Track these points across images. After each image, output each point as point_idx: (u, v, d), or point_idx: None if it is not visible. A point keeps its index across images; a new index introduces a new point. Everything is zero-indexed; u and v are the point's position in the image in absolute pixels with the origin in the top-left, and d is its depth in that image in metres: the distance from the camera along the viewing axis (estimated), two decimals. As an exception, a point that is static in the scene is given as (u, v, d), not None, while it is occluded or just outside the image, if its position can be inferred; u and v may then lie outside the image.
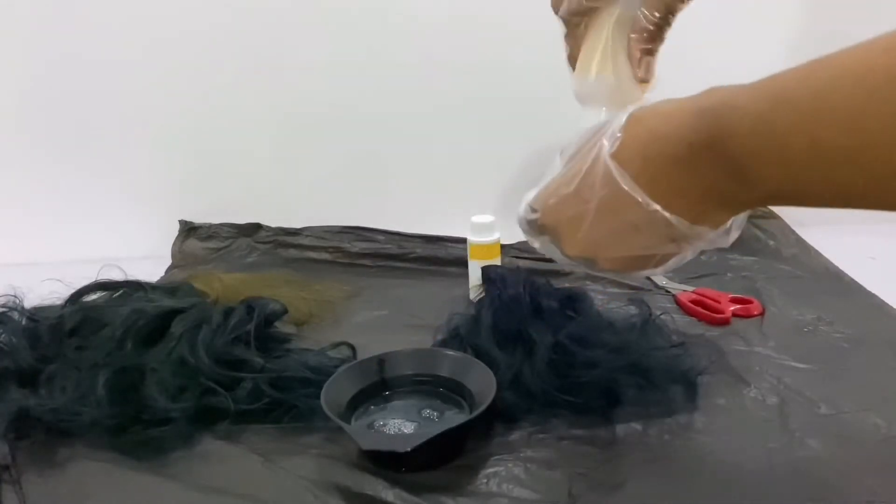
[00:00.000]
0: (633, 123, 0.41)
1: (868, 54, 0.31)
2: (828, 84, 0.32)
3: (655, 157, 0.40)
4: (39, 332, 0.68)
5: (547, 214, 0.47)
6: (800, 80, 0.33)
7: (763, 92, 0.35)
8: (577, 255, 0.47)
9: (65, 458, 0.58)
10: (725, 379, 0.66)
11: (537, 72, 1.03)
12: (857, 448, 0.56)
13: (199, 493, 0.53)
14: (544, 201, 0.47)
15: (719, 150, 0.36)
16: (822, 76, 0.32)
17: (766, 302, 0.83)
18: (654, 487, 0.52)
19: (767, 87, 0.35)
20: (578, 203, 0.44)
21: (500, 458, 0.56)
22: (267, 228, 1.09)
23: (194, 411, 0.61)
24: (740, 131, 0.35)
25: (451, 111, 1.06)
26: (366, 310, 0.87)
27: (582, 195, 0.43)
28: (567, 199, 0.45)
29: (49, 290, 0.74)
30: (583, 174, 0.43)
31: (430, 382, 0.64)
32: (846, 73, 0.31)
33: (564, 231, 0.47)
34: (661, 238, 0.42)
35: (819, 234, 1.01)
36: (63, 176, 1.08)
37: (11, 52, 1.02)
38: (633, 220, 0.42)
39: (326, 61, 1.04)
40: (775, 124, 0.33)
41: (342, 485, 0.53)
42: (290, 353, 0.70)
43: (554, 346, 0.63)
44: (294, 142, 1.09)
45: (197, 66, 1.04)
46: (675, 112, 0.40)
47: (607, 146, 0.42)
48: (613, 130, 0.42)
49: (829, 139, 0.31)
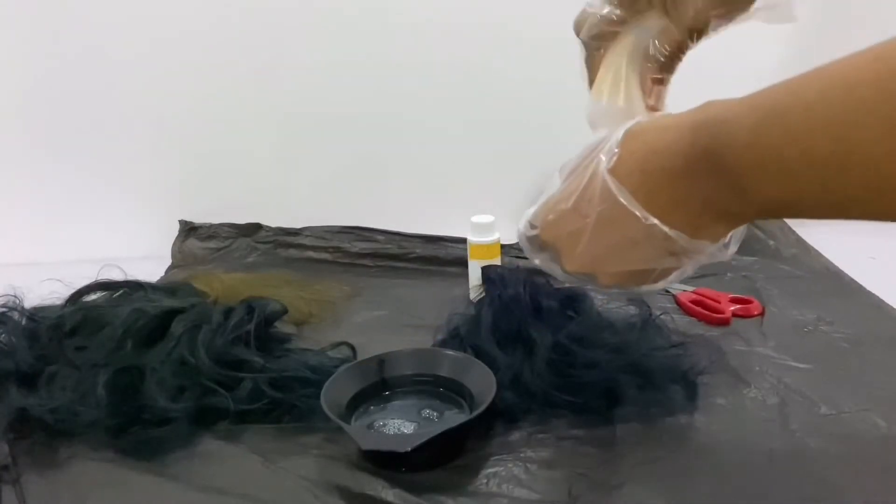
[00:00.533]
0: (630, 139, 0.42)
1: (857, 65, 0.31)
2: (818, 95, 0.32)
3: (653, 171, 0.40)
4: (39, 332, 0.68)
5: (546, 231, 0.47)
6: (791, 92, 0.34)
7: (756, 105, 0.35)
8: (577, 270, 0.47)
9: (65, 458, 0.58)
10: (725, 379, 0.66)
11: (538, 72, 1.03)
12: (858, 448, 0.56)
13: (199, 493, 0.53)
14: (543, 218, 0.47)
15: (715, 163, 0.37)
16: (813, 88, 0.32)
17: (766, 302, 0.83)
18: (654, 487, 0.52)
19: (760, 99, 0.35)
20: (577, 219, 0.44)
21: (500, 458, 0.56)
22: (267, 228, 1.09)
23: (194, 411, 0.61)
24: (735, 144, 0.35)
25: (452, 111, 1.06)
26: (366, 310, 0.87)
27: (580, 211, 0.44)
28: (566, 215, 0.45)
29: (49, 290, 0.74)
30: (581, 190, 0.43)
31: (430, 382, 0.64)
32: (836, 84, 0.31)
33: (564, 247, 0.47)
34: (660, 252, 0.42)
35: (819, 234, 1.01)
36: (63, 176, 1.08)
37: (12, 52, 1.02)
38: (632, 235, 0.42)
39: (327, 62, 1.04)
40: (769, 137, 0.34)
41: (342, 485, 0.53)
42: (290, 353, 0.69)
43: (554, 346, 0.63)
44: (294, 142, 1.09)
45: (197, 66, 1.04)
46: (671, 127, 0.40)
47: (605, 161, 0.42)
48: (611, 146, 0.42)
49: (821, 150, 0.32)
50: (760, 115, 0.34)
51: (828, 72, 0.32)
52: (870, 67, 0.30)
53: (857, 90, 0.30)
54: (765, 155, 0.34)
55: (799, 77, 0.33)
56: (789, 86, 0.34)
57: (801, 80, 0.33)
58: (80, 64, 1.02)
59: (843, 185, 0.32)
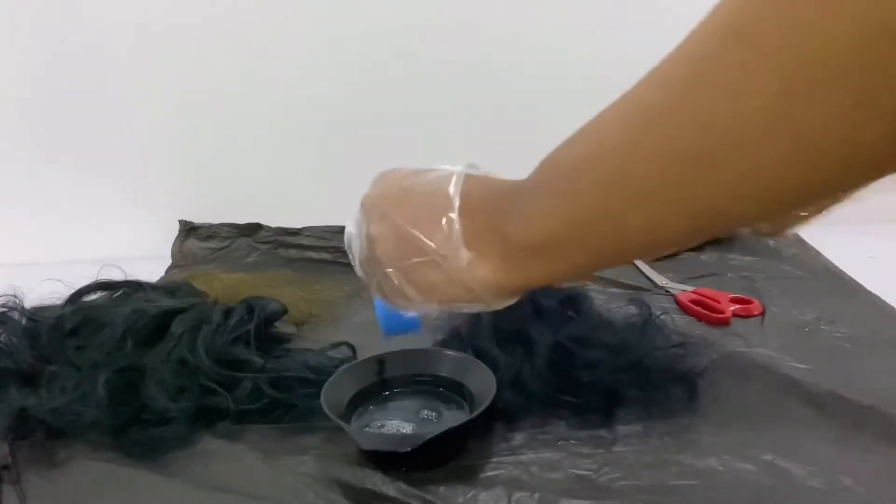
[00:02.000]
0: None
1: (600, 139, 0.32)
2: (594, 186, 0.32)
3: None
4: (39, 332, 0.68)
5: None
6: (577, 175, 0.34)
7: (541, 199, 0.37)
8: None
9: (65, 458, 0.58)
10: (725, 379, 0.66)
11: (538, 73, 1.03)
12: (858, 448, 0.56)
13: (199, 492, 0.53)
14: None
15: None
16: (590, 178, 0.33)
17: (766, 302, 0.82)
18: (654, 487, 0.52)
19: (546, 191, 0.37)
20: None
21: (500, 457, 0.56)
22: (267, 228, 1.09)
23: (194, 411, 0.61)
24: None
25: (453, 112, 1.06)
26: (366, 310, 0.86)
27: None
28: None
29: (49, 290, 0.74)
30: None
31: (430, 382, 0.64)
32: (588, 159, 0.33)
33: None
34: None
35: (819, 234, 1.01)
36: (63, 176, 1.08)
37: (10, 52, 1.02)
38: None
39: (327, 61, 1.04)
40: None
41: (342, 480, 0.53)
42: (290, 353, 0.70)
43: (554, 346, 0.63)
44: (294, 142, 1.09)
45: (197, 66, 1.04)
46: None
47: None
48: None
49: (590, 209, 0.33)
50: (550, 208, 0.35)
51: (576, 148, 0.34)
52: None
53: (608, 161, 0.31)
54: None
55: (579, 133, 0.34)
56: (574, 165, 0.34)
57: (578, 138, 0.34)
58: (79, 63, 1.02)
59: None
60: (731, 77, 0.23)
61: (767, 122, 0.23)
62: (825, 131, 0.22)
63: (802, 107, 0.22)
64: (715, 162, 0.25)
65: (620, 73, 0.34)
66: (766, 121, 0.23)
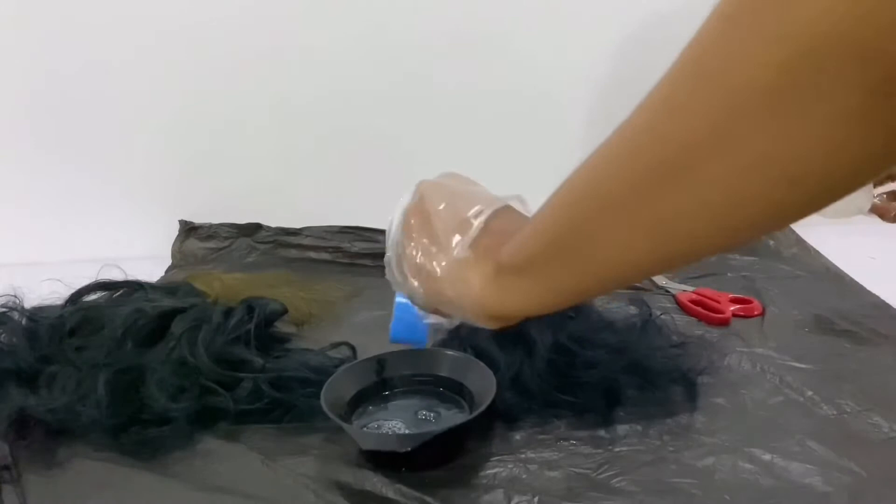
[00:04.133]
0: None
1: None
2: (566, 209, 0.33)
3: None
4: (39, 332, 0.68)
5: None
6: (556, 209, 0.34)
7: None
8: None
9: (65, 458, 0.58)
10: (725, 379, 0.66)
11: (539, 73, 1.03)
12: (858, 448, 0.56)
13: (199, 492, 0.53)
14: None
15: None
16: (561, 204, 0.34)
17: (766, 302, 0.82)
18: (654, 487, 0.52)
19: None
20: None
21: (500, 458, 0.56)
22: (267, 228, 1.09)
23: (194, 411, 0.61)
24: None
25: (454, 112, 1.06)
26: (366, 310, 0.87)
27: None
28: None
29: (49, 290, 0.74)
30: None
31: (429, 382, 0.64)
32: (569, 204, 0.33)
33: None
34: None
35: (819, 234, 1.01)
36: (63, 176, 1.07)
37: (11, 53, 1.02)
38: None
39: (327, 61, 1.04)
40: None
41: (342, 481, 0.53)
42: (290, 353, 0.69)
43: (554, 346, 0.63)
44: (294, 141, 1.08)
45: (197, 66, 1.04)
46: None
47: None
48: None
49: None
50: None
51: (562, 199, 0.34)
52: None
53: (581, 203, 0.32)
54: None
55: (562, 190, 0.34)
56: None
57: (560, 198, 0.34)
58: (79, 64, 1.02)
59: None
60: (684, 98, 0.26)
61: (717, 139, 0.24)
62: (775, 150, 0.23)
63: (744, 128, 0.23)
64: (675, 175, 0.26)
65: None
66: (716, 138, 0.24)
